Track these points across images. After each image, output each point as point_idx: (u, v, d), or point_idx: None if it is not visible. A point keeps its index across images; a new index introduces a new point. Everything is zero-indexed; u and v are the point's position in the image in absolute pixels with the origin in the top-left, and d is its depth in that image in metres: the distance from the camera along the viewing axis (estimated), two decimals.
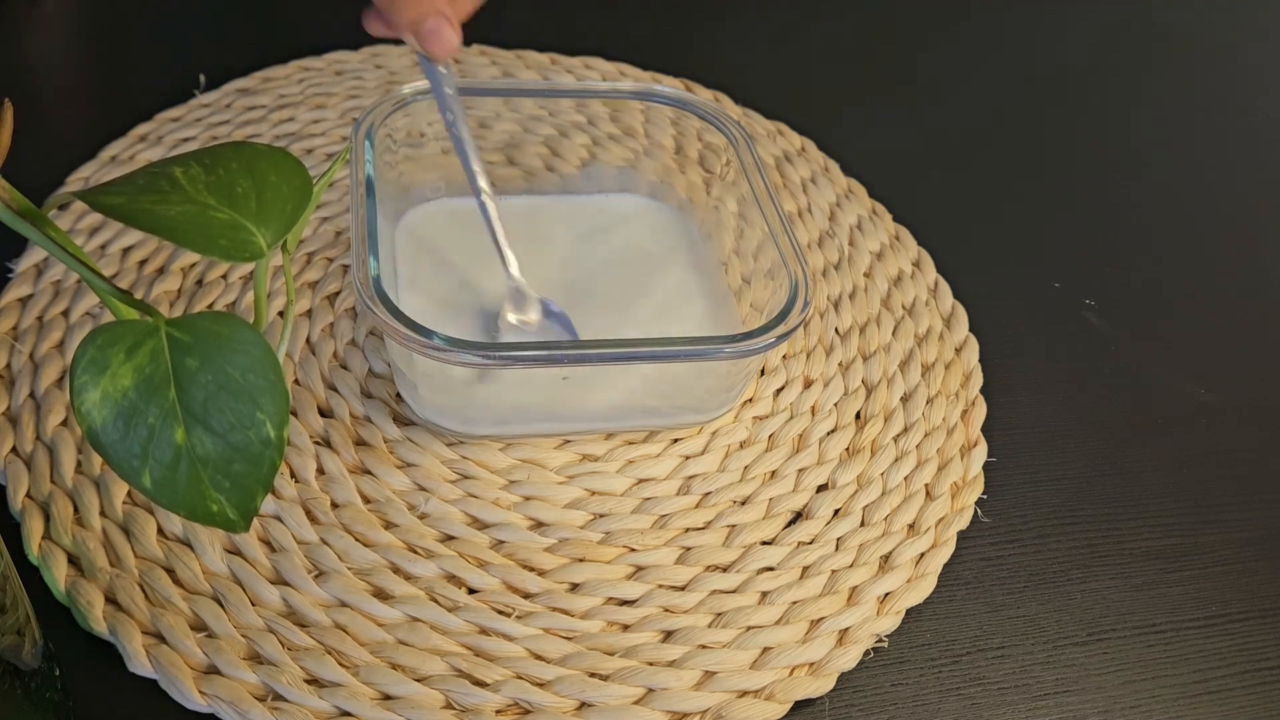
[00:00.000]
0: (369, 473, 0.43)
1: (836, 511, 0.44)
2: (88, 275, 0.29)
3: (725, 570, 0.42)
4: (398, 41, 0.42)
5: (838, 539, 0.43)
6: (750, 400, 0.48)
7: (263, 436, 0.29)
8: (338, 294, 0.49)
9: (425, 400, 0.43)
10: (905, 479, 0.46)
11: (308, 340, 0.47)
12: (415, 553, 0.40)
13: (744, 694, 0.38)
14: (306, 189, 0.32)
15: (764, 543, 0.43)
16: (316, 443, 0.43)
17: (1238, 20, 0.86)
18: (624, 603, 0.40)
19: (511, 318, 0.46)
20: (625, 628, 0.40)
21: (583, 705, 0.37)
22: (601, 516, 0.43)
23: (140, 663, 0.36)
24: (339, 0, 0.68)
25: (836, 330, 0.52)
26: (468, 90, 0.50)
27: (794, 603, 0.41)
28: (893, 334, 0.52)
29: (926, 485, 0.46)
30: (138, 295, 0.48)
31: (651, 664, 0.39)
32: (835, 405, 0.48)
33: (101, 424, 0.27)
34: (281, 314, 0.47)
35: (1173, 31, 0.83)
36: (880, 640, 0.41)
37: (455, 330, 0.46)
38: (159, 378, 0.28)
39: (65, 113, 0.59)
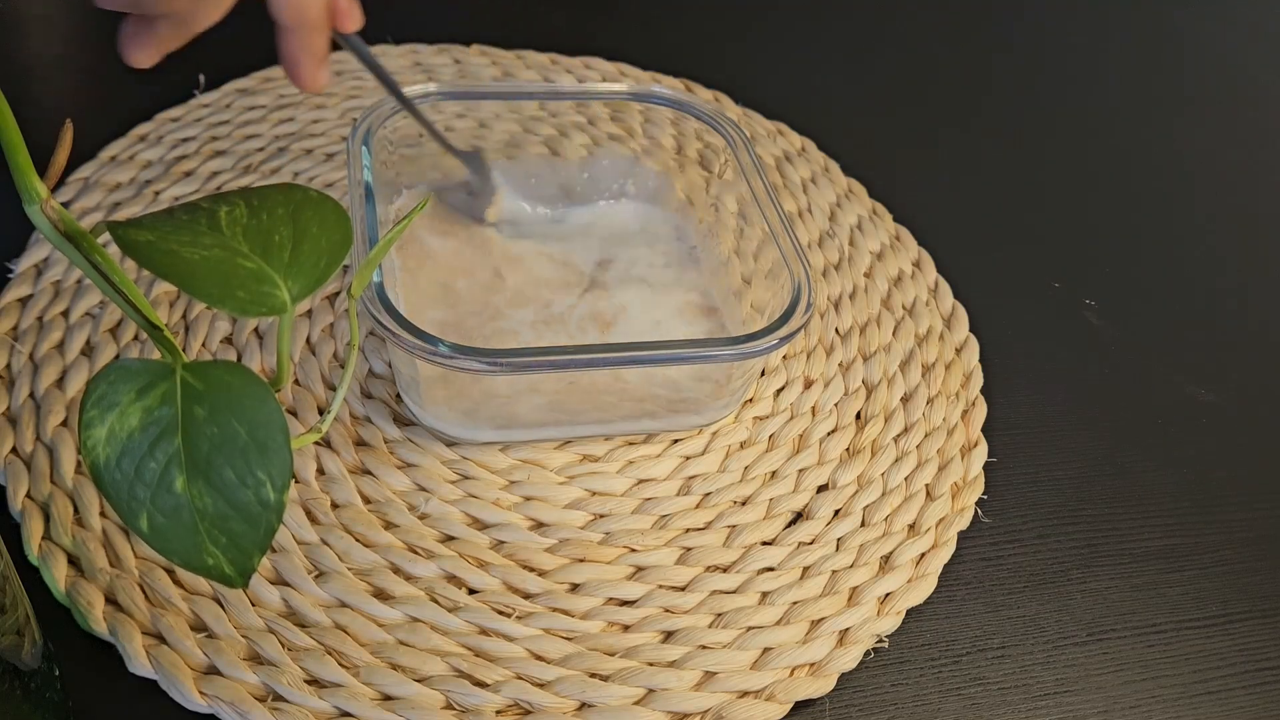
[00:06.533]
0: (369, 473, 0.43)
1: (837, 512, 0.44)
2: (126, 308, 0.28)
3: (726, 571, 0.42)
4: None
5: (838, 539, 0.43)
6: (751, 401, 0.48)
7: (262, 497, 0.28)
8: (337, 294, 0.49)
9: (427, 405, 0.43)
10: (906, 479, 0.46)
11: (308, 340, 0.47)
12: (415, 553, 0.40)
13: (744, 694, 0.38)
14: (346, 243, 0.31)
15: (764, 543, 0.43)
16: (316, 443, 0.43)
17: (1238, 21, 0.86)
18: (624, 603, 0.40)
19: (491, 214, 0.50)
20: (625, 628, 0.40)
21: (583, 706, 0.37)
22: (602, 517, 0.43)
23: (140, 663, 0.36)
24: None
25: (837, 330, 0.52)
26: (468, 93, 0.50)
27: (794, 603, 0.41)
28: (893, 334, 0.52)
29: (927, 485, 0.46)
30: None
31: (652, 664, 0.39)
32: (836, 405, 0.48)
33: (105, 461, 0.27)
34: (339, 358, 0.45)
35: (1174, 32, 0.83)
36: (880, 640, 0.41)
37: (457, 331, 0.46)
38: (167, 422, 0.27)
39: (65, 113, 0.59)
